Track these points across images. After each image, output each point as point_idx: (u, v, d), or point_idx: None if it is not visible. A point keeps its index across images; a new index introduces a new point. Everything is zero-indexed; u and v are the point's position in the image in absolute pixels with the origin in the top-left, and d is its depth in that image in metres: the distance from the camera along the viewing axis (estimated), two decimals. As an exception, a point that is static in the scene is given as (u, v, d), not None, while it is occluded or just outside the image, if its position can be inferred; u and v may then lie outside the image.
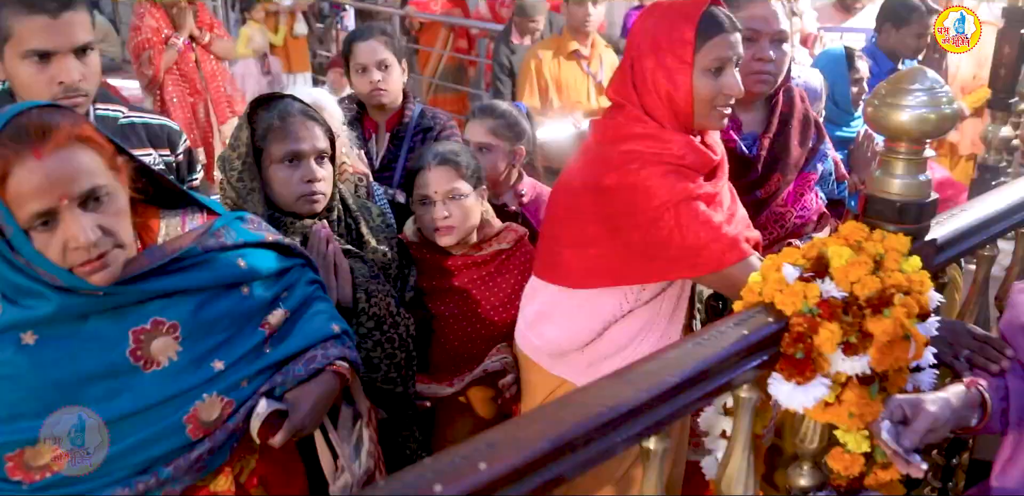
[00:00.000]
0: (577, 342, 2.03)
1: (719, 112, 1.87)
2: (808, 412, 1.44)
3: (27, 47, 1.81)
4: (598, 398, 1.18)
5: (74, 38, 1.84)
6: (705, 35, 1.82)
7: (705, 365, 1.28)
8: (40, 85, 1.84)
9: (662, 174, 1.82)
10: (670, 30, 1.84)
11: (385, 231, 2.18)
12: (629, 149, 1.87)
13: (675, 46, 1.83)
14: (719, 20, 1.85)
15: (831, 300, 1.41)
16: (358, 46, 2.93)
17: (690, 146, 1.85)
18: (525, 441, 1.08)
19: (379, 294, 2.03)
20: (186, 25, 5.60)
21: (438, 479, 1.00)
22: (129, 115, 2.08)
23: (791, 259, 1.51)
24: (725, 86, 1.84)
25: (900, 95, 1.57)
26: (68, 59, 1.84)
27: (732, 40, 1.85)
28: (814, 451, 1.53)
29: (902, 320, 1.39)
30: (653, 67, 1.84)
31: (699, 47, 1.82)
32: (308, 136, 1.96)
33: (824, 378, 1.40)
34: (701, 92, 1.83)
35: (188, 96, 5.75)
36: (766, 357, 1.39)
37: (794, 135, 2.24)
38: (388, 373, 2.02)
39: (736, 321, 1.40)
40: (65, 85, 1.85)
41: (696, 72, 1.83)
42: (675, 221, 1.81)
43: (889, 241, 1.53)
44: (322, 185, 1.97)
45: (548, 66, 4.72)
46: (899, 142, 1.59)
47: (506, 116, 2.75)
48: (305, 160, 1.95)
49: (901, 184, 1.59)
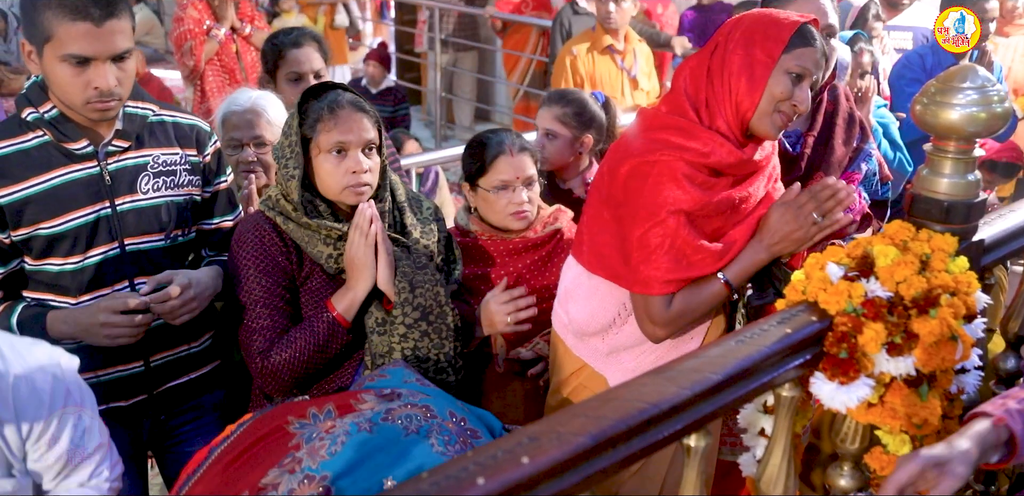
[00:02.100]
0: (595, 326, 2.04)
1: (779, 117, 1.86)
2: (850, 412, 1.43)
3: (67, 51, 1.82)
4: (640, 394, 1.18)
5: (114, 46, 1.85)
6: (798, 42, 1.85)
7: (748, 363, 1.28)
8: (75, 88, 1.86)
9: (672, 177, 1.83)
10: (767, 28, 1.87)
11: (433, 223, 2.18)
12: (655, 138, 1.87)
13: (768, 42, 1.85)
14: (813, 36, 1.87)
15: (876, 300, 1.40)
16: (291, 52, 2.73)
17: (720, 144, 1.84)
18: (567, 436, 1.08)
19: (425, 284, 2.02)
20: (228, 16, 5.66)
21: (480, 472, 1.00)
22: (160, 113, 2.08)
23: (835, 258, 1.50)
24: (797, 95, 1.85)
25: (950, 93, 1.55)
26: (105, 65, 1.85)
27: (818, 58, 1.87)
28: (855, 452, 1.52)
29: (949, 321, 1.37)
30: (740, 56, 1.86)
31: (791, 49, 1.85)
32: (356, 127, 1.97)
33: (868, 378, 1.38)
34: (774, 90, 1.84)
35: (228, 86, 5.80)
36: (808, 356, 1.38)
37: (838, 134, 2.22)
38: (439, 363, 2.03)
39: (779, 319, 1.39)
40: (100, 90, 1.86)
41: (777, 71, 1.84)
42: (652, 231, 1.85)
43: (936, 241, 1.52)
44: (368, 176, 1.98)
45: (583, 62, 4.70)
46: (948, 141, 1.57)
47: (575, 104, 2.77)
48: (352, 151, 1.97)
49: (949, 183, 1.57)
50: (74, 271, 1.98)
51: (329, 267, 2.02)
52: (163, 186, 2.05)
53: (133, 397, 2.10)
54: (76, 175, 1.95)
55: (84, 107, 1.89)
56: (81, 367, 1.94)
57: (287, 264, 2.01)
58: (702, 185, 1.84)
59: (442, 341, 2.03)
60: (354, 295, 2.00)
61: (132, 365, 2.07)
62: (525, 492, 1.02)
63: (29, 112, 1.94)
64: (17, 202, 1.91)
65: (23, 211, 1.91)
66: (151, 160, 2.04)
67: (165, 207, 2.05)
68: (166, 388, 2.15)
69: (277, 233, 2.01)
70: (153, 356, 2.09)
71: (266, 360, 1.98)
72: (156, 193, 2.04)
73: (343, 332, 2.00)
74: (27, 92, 1.97)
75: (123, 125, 1.99)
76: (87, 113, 1.90)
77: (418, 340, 2.01)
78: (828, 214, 1.83)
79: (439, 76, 7.64)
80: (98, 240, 1.98)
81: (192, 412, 2.23)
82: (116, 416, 2.08)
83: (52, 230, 1.93)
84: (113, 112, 1.93)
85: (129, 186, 2.00)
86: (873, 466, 1.49)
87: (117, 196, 1.99)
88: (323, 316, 1.99)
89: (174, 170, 2.07)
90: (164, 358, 2.12)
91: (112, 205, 1.98)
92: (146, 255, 2.04)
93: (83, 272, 1.98)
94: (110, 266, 2.00)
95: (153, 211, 2.04)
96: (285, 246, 2.01)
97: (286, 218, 2.00)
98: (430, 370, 2.02)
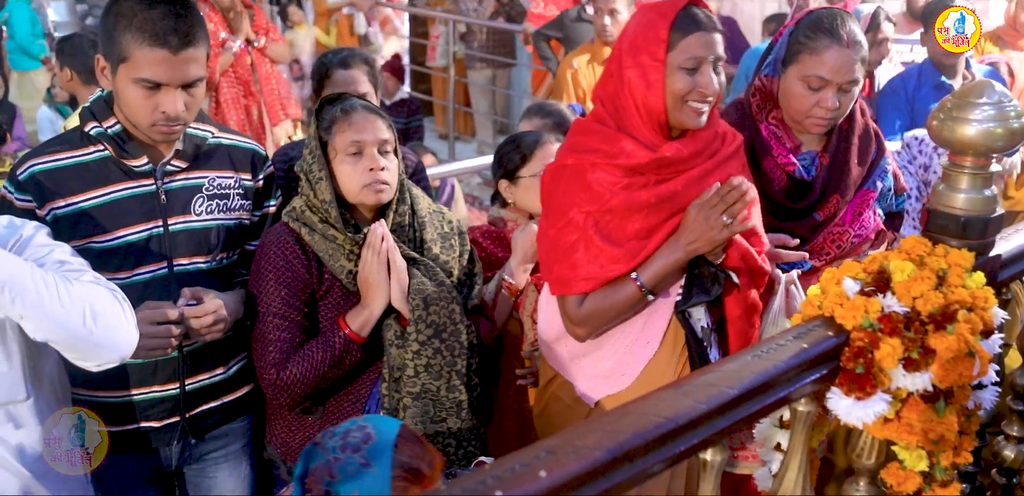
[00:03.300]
0: (552, 332, 2.06)
1: (693, 108, 1.86)
2: (867, 427, 1.43)
3: (140, 75, 1.85)
4: (657, 409, 1.18)
5: (186, 75, 1.87)
6: (680, 33, 1.84)
7: (764, 378, 1.28)
8: (144, 110, 1.88)
9: (579, 178, 1.89)
10: (646, 29, 1.86)
11: (455, 237, 2.19)
12: (572, 143, 1.96)
13: (650, 44, 1.85)
14: (696, 18, 1.85)
15: (893, 315, 1.40)
16: (337, 73, 2.71)
17: (630, 146, 1.87)
18: (584, 450, 1.08)
19: (440, 302, 2.04)
20: (242, 29, 5.70)
21: (498, 485, 1.01)
22: (218, 136, 2.10)
23: (851, 273, 1.50)
24: (700, 84, 1.84)
25: (966, 109, 1.55)
26: (176, 92, 1.88)
27: (709, 39, 1.85)
28: (871, 467, 1.52)
29: (966, 336, 1.37)
30: (630, 66, 1.87)
31: (674, 45, 1.84)
32: (370, 127, 2.01)
33: (884, 394, 1.38)
34: (674, 88, 1.84)
35: (242, 98, 5.84)
36: (825, 371, 1.38)
37: (854, 153, 2.18)
38: (451, 380, 2.04)
39: (795, 334, 1.39)
40: (167, 115, 1.88)
41: (670, 69, 1.84)
42: (563, 231, 1.90)
43: (952, 256, 1.52)
44: (386, 174, 2.01)
45: (583, 75, 4.66)
46: (964, 156, 1.57)
47: (555, 116, 2.79)
48: (368, 149, 2.00)
49: (966, 199, 1.57)
50: (121, 286, 1.92)
51: (348, 282, 2.04)
52: (216, 209, 2.06)
53: (166, 418, 2.10)
54: (133, 192, 1.97)
55: (149, 129, 1.91)
56: (118, 385, 2.01)
57: (307, 277, 2.03)
58: (613, 186, 1.87)
59: (455, 358, 2.04)
60: (369, 313, 2.02)
61: (168, 387, 2.07)
62: (542, 506, 1.02)
63: (92, 126, 1.96)
64: (73, 214, 1.93)
65: (78, 224, 1.93)
66: (207, 182, 2.05)
67: (215, 230, 2.06)
68: (199, 411, 2.14)
69: (300, 245, 2.03)
70: (189, 379, 2.09)
71: (281, 372, 2.00)
72: (208, 215, 2.05)
73: (357, 348, 2.02)
74: (92, 106, 1.99)
75: (183, 146, 2.01)
76: (151, 134, 1.93)
77: (431, 357, 2.03)
78: (737, 215, 1.83)
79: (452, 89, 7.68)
80: (148, 258, 1.99)
81: (221, 438, 2.23)
82: (146, 437, 2.10)
83: (104, 245, 1.95)
84: (176, 135, 1.96)
85: (183, 206, 2.02)
86: (890, 482, 1.49)
87: (171, 216, 2.00)
88: (339, 332, 2.01)
89: (227, 193, 2.09)
90: (199, 382, 2.12)
91: (165, 224, 2.00)
92: (192, 276, 2.03)
93: (129, 289, 1.93)
94: (157, 285, 2.00)
95: (203, 233, 2.04)
96: (307, 259, 2.03)
97: (311, 230, 2.03)
98: (442, 387, 2.03)
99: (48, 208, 1.92)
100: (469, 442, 2.10)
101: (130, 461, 2.10)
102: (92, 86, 3.98)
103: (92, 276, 1.72)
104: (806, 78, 2.05)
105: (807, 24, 2.09)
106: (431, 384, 2.02)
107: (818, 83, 2.04)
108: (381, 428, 1.57)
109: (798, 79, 2.06)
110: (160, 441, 2.12)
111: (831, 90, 2.04)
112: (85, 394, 2.04)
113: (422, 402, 2.04)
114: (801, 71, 2.06)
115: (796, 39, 2.08)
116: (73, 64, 3.82)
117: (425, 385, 2.03)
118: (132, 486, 2.13)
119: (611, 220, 1.89)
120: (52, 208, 1.92)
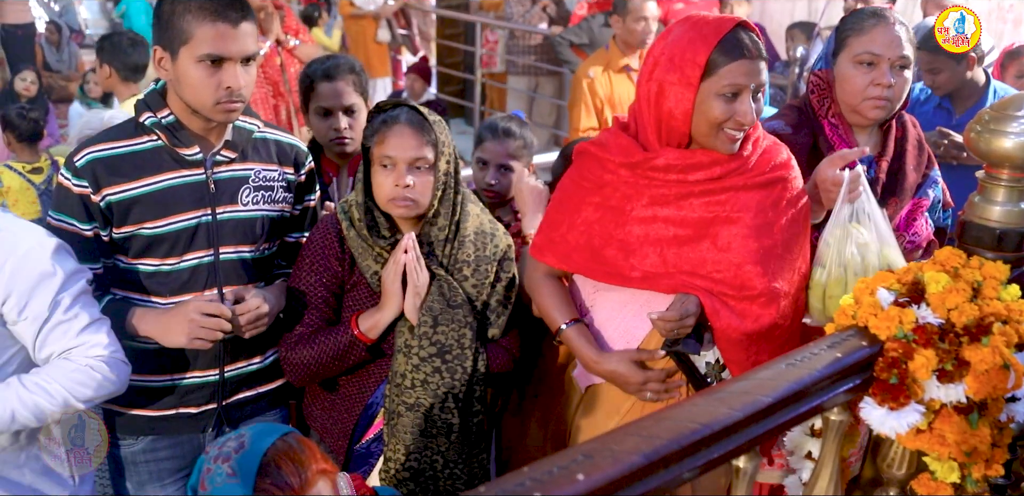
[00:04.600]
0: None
1: (728, 135, 1.84)
2: (899, 438, 1.43)
3: (204, 51, 1.92)
4: (692, 415, 1.19)
5: (246, 48, 1.95)
6: (723, 59, 1.80)
7: (798, 386, 1.29)
8: (209, 88, 1.94)
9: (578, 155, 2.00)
10: (685, 49, 1.83)
11: (492, 263, 2.15)
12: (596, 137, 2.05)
13: (685, 66, 1.82)
14: (741, 45, 1.81)
15: (927, 326, 1.40)
16: (322, 86, 2.63)
17: (625, 145, 1.92)
18: (621, 454, 1.09)
19: (451, 323, 2.06)
20: (273, 30, 5.76)
21: (537, 488, 1.02)
22: (263, 130, 2.17)
23: (886, 283, 1.51)
24: (738, 113, 1.81)
25: (1004, 121, 1.55)
26: (236, 66, 1.95)
27: (752, 67, 1.81)
28: (902, 477, 1.52)
29: (1001, 349, 1.37)
30: (659, 80, 1.85)
31: (714, 70, 1.80)
32: (404, 144, 2.02)
33: (918, 405, 1.39)
34: (710, 114, 1.81)
35: (272, 98, 5.91)
36: (858, 381, 1.39)
37: (910, 160, 2.19)
38: (445, 402, 2.05)
39: (829, 344, 1.40)
40: (231, 90, 1.94)
41: (705, 94, 1.81)
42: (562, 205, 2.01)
43: (987, 268, 1.52)
44: (412, 192, 2.02)
45: (601, 84, 4.53)
46: (1001, 169, 1.58)
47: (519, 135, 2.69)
48: (400, 165, 2.02)
49: (1002, 211, 1.57)
50: (168, 272, 2.04)
51: (372, 282, 2.08)
52: (261, 200, 2.12)
53: (204, 405, 2.15)
54: (184, 180, 2.03)
55: (214, 107, 1.96)
56: (159, 369, 2.09)
57: (339, 269, 2.10)
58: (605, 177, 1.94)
59: (454, 381, 2.05)
60: (380, 317, 2.07)
61: (208, 373, 2.13)
62: (579, 509, 1.03)
63: (147, 116, 2.01)
64: (126, 200, 1.99)
65: (130, 210, 1.99)
66: (253, 174, 2.11)
67: (260, 220, 2.12)
68: (236, 400, 2.19)
69: (339, 239, 2.09)
70: (228, 365, 2.14)
71: (288, 351, 2.11)
72: (254, 206, 2.11)
73: (363, 348, 2.07)
74: (146, 98, 2.05)
75: (232, 137, 2.07)
76: (215, 114, 1.97)
77: (429, 374, 2.05)
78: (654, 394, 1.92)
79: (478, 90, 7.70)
80: (195, 245, 2.05)
81: None
82: (181, 423, 2.15)
83: (154, 231, 2.01)
84: (236, 114, 2.01)
85: (231, 196, 2.08)
86: (920, 492, 1.49)
87: (219, 204, 2.06)
88: (348, 330, 2.06)
89: (272, 186, 2.14)
90: (238, 369, 2.17)
91: (213, 213, 2.05)
92: (236, 264, 2.10)
93: (177, 274, 2.05)
94: (203, 272, 2.07)
95: (249, 223, 2.10)
96: (342, 252, 2.09)
97: (350, 225, 2.08)
98: (436, 406, 2.06)
99: (103, 194, 1.98)
100: (456, 465, 2.11)
101: (164, 447, 2.16)
102: (130, 83, 4.05)
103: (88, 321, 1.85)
104: (857, 57, 2.07)
105: (850, 15, 2.14)
106: (424, 399, 2.05)
107: (870, 58, 2.07)
108: (256, 439, 1.58)
109: (850, 62, 2.09)
110: (195, 428, 2.16)
111: (884, 66, 2.06)
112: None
113: (414, 414, 2.06)
114: (852, 52, 2.08)
115: (842, 29, 2.11)
116: (112, 61, 3.92)
117: (419, 399, 2.05)
118: (162, 472, 2.17)
119: (595, 215, 1.94)
120: (106, 194, 1.98)
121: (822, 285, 1.92)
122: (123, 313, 2.00)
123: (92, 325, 1.85)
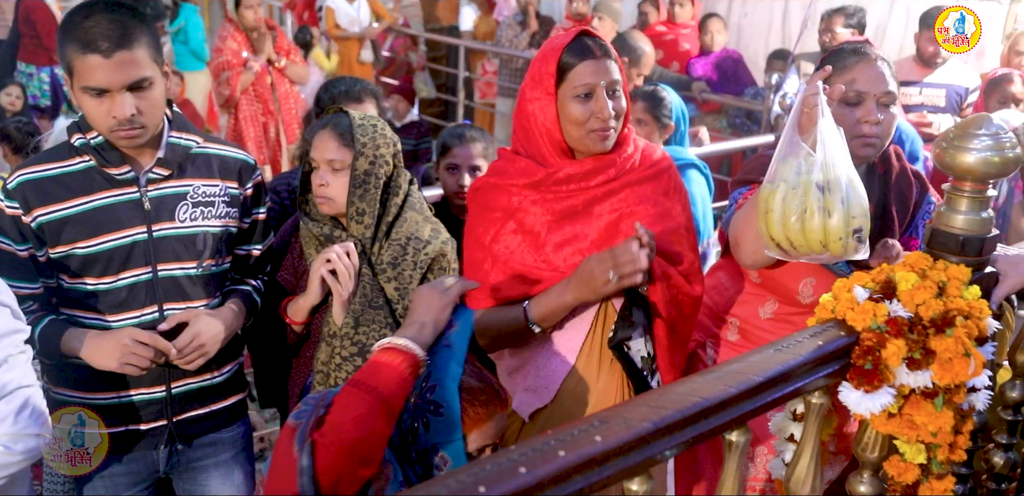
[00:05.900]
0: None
1: (596, 134, 1.97)
2: (873, 423, 1.59)
3: (84, 83, 1.91)
4: (693, 391, 1.34)
5: (126, 76, 1.90)
6: (570, 63, 1.95)
7: (785, 369, 1.44)
8: (99, 117, 1.94)
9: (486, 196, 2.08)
10: (540, 64, 2.00)
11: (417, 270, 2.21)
12: (490, 167, 2.19)
13: (542, 78, 1.98)
14: (585, 48, 1.95)
15: (898, 319, 1.56)
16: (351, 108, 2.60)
17: (524, 167, 2.04)
18: (633, 421, 1.24)
19: (372, 324, 2.14)
20: (265, 49, 5.90)
21: (561, 447, 1.16)
22: (204, 145, 2.14)
23: (861, 282, 1.67)
24: (596, 110, 1.94)
25: (967, 138, 1.72)
26: (122, 95, 1.91)
27: (598, 66, 1.94)
28: (875, 460, 1.67)
29: (963, 339, 1.54)
30: (531, 99, 2.01)
31: (565, 75, 1.96)
32: (321, 147, 2.22)
33: (890, 388, 1.54)
34: (571, 117, 1.96)
35: (261, 116, 6.04)
36: (837, 366, 1.54)
37: (892, 200, 2.18)
38: None
39: (811, 333, 1.55)
40: (118, 120, 1.92)
41: (564, 100, 1.96)
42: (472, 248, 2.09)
43: (951, 271, 1.68)
44: (327, 190, 2.21)
45: None
46: (964, 182, 1.74)
47: (484, 136, 2.96)
48: (320, 167, 2.22)
49: (964, 220, 1.73)
50: (106, 290, 2.05)
51: None
52: (200, 216, 2.11)
53: (152, 422, 2.15)
54: (117, 199, 2.04)
55: (111, 135, 1.96)
56: (103, 386, 2.07)
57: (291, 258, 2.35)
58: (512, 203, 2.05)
59: None
60: (300, 304, 2.22)
61: (154, 390, 2.12)
62: (597, 466, 1.17)
63: (77, 138, 2.02)
64: (56, 221, 2.00)
65: (62, 230, 2.01)
66: (191, 190, 2.10)
67: (201, 236, 2.11)
68: (186, 417, 2.19)
69: (295, 226, 2.32)
70: (175, 382, 2.14)
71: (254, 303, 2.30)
72: (193, 222, 2.10)
73: (292, 330, 2.26)
74: (79, 119, 2.05)
75: (165, 154, 2.05)
76: (115, 141, 1.98)
77: (351, 373, 2.09)
78: (624, 276, 1.88)
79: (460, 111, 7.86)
80: (132, 263, 2.05)
81: (211, 446, 2.27)
82: (132, 440, 2.14)
83: (87, 250, 2.02)
84: (140, 140, 1.98)
85: (168, 213, 2.07)
86: (891, 472, 1.64)
87: (155, 222, 2.06)
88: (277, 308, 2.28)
89: (212, 201, 2.13)
90: (186, 385, 2.16)
91: (149, 230, 2.05)
92: (177, 282, 2.10)
93: (115, 293, 2.05)
94: (140, 290, 2.07)
95: (189, 239, 2.09)
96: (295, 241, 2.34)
97: (304, 214, 2.28)
98: None
99: (34, 215, 2.00)
100: None
101: (118, 464, 2.15)
102: None
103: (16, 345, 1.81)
104: (843, 95, 2.02)
105: (830, 54, 2.16)
106: None
107: (855, 97, 2.05)
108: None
109: (836, 101, 2.01)
110: (147, 445, 2.16)
111: (870, 103, 2.05)
112: (76, 395, 2.11)
113: None
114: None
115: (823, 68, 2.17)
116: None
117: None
118: (118, 486, 2.17)
119: (515, 242, 2.04)
120: (37, 215, 2.00)
121: (764, 200, 1.83)
122: (59, 333, 2.01)
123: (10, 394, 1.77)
